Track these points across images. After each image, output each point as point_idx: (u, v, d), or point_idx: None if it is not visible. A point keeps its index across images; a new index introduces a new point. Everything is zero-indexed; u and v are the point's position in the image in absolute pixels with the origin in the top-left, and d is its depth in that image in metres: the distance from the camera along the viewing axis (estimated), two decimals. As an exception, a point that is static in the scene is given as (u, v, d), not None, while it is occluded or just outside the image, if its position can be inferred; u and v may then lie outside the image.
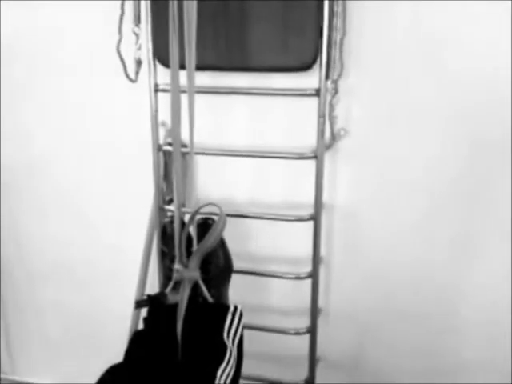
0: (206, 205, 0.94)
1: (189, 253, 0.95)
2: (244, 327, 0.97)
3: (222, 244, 1.06)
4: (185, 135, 0.93)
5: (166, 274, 1.05)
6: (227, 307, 0.95)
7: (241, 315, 0.96)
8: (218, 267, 1.03)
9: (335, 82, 1.08)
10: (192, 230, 0.96)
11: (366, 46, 1.10)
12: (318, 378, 1.29)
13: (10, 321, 1.61)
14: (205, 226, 0.99)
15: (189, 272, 0.92)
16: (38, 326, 1.59)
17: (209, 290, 0.95)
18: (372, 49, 1.10)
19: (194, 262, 0.93)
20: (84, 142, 1.33)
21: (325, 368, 1.34)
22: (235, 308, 0.95)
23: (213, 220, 1.00)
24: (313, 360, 1.26)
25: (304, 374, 1.28)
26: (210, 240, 0.92)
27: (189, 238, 0.96)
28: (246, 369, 1.25)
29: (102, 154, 1.34)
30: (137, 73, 1.12)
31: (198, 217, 0.99)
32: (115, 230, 1.40)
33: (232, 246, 1.07)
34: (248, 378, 1.30)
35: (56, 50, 1.26)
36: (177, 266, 0.93)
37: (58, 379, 1.63)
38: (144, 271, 1.29)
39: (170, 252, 1.02)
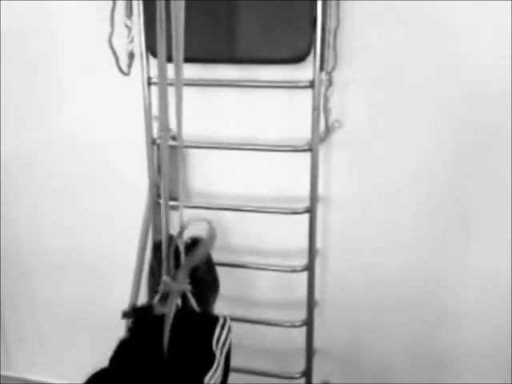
0: (197, 221, 0.92)
1: (178, 268, 0.94)
2: (240, 321, 0.96)
3: (209, 260, 1.04)
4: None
5: (155, 290, 1.03)
6: (216, 319, 0.95)
7: (229, 328, 0.95)
8: (204, 283, 1.02)
9: (329, 74, 1.07)
10: (180, 244, 0.94)
11: (361, 36, 1.09)
12: (315, 370, 1.29)
13: (6, 317, 1.60)
14: (194, 245, 0.97)
15: (177, 284, 0.92)
16: (35, 322, 1.58)
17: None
18: (366, 40, 1.09)
19: (182, 274, 0.92)
20: (77, 135, 1.32)
21: (322, 360, 1.34)
22: (224, 320, 0.95)
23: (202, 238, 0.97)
24: (310, 352, 1.26)
25: (301, 366, 1.29)
26: (199, 254, 0.92)
27: (178, 255, 0.95)
28: (243, 362, 1.26)
29: (95, 148, 1.33)
30: (129, 66, 1.11)
31: (187, 236, 0.97)
32: (110, 225, 1.39)
33: (226, 240, 1.07)
34: (245, 372, 1.30)
35: (50, 42, 1.25)
36: (164, 277, 0.93)
37: (55, 376, 1.63)
38: (139, 265, 1.28)
39: (160, 269, 1.00)
